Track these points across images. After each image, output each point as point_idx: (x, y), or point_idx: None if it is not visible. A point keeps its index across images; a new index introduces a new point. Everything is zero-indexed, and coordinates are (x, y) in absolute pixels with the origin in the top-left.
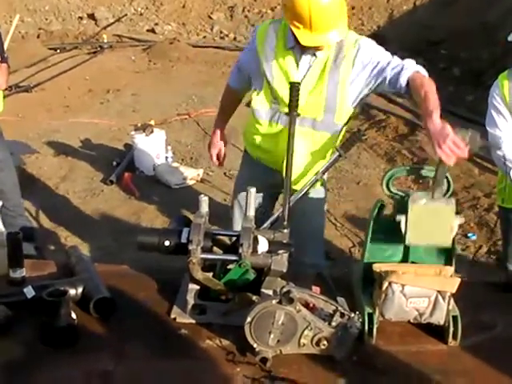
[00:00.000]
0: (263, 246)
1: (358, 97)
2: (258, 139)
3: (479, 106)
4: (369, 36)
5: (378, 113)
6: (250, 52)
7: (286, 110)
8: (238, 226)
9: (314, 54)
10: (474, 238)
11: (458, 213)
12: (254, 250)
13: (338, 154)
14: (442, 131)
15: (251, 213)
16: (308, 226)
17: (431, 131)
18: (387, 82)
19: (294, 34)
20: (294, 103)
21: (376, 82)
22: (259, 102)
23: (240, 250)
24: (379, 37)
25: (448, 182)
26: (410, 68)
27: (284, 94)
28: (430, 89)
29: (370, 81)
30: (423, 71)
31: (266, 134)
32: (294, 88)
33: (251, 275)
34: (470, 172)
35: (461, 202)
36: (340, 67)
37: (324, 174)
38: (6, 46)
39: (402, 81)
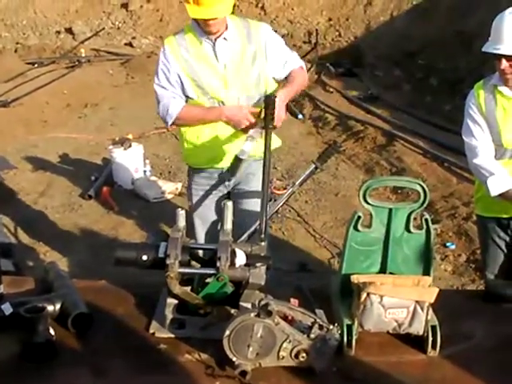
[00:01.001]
0: (241, 259)
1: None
2: (200, 141)
3: (457, 115)
4: (346, 47)
5: (356, 124)
6: (165, 69)
7: (219, 96)
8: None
9: (225, 38)
10: (453, 247)
11: (436, 222)
12: (232, 264)
13: (314, 166)
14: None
15: (228, 226)
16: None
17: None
18: (277, 65)
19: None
20: (269, 116)
21: (273, 64)
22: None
23: (218, 264)
24: (356, 47)
25: (424, 192)
26: (297, 63)
27: (213, 84)
28: (298, 77)
29: (273, 61)
30: (304, 67)
31: (209, 131)
32: (270, 100)
33: (229, 288)
34: (448, 182)
35: (439, 211)
36: (253, 46)
37: (301, 185)
38: None
39: (287, 70)
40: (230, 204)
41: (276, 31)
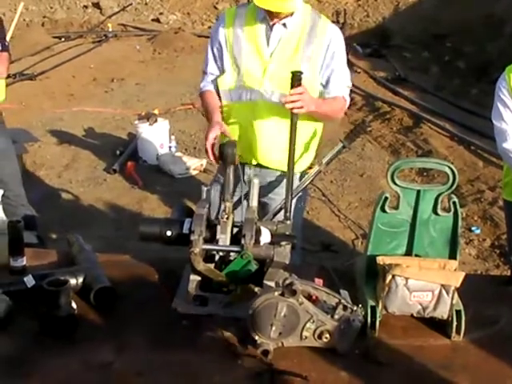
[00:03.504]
0: (266, 237)
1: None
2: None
3: (484, 99)
4: (374, 28)
5: (383, 105)
6: (215, 39)
7: (253, 84)
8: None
9: (284, 25)
10: (478, 231)
11: (462, 205)
12: (257, 242)
13: (342, 145)
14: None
15: (254, 203)
16: None
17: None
18: (325, 81)
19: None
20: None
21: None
22: (225, 83)
23: (242, 241)
24: (384, 28)
25: (453, 174)
26: (341, 92)
27: (252, 69)
28: (335, 103)
29: (325, 72)
30: (347, 97)
31: (234, 116)
32: (296, 77)
33: (253, 266)
34: (475, 165)
35: (465, 195)
36: (313, 44)
37: (328, 164)
38: (10, 34)
39: (328, 93)
40: (256, 181)
41: None
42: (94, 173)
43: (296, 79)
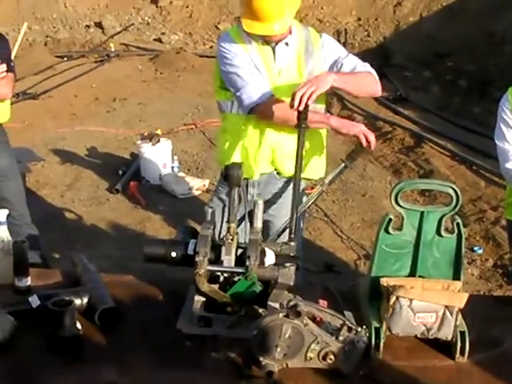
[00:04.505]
0: (270, 258)
1: None
2: (238, 143)
3: (486, 118)
4: (374, 47)
5: (384, 124)
6: (238, 55)
7: None
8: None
9: (286, 44)
10: (481, 251)
11: (464, 225)
12: (261, 263)
13: (343, 164)
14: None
15: (258, 225)
16: None
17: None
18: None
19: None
20: (303, 114)
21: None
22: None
23: (247, 263)
24: (385, 48)
25: (457, 195)
26: (365, 67)
27: None
28: (360, 77)
29: (334, 67)
30: (375, 74)
31: (250, 132)
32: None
33: (258, 288)
34: (477, 185)
35: (467, 215)
36: (312, 59)
37: (330, 184)
38: (14, 54)
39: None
40: (260, 202)
41: None
42: (97, 192)
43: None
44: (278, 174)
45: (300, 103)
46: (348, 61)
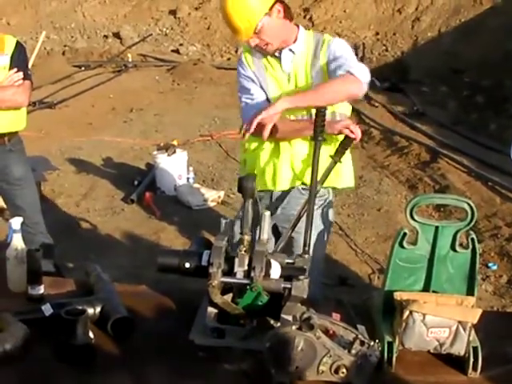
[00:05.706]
0: (276, 270)
1: None
2: (260, 160)
3: (502, 134)
4: (392, 62)
5: (401, 139)
6: (249, 79)
7: None
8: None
9: (291, 50)
10: (495, 267)
11: (479, 241)
12: (267, 274)
13: (333, 161)
14: None
15: (265, 236)
16: None
17: None
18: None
19: None
20: (318, 128)
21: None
22: None
23: (252, 274)
24: (403, 62)
25: (472, 211)
26: (351, 69)
27: (277, 94)
28: (329, 85)
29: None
30: (358, 73)
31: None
32: (320, 113)
33: (264, 298)
34: (492, 201)
35: (482, 231)
36: (318, 62)
37: (323, 183)
38: (31, 63)
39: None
40: (267, 214)
41: None
42: (112, 202)
43: (320, 115)
44: (303, 188)
45: (250, 127)
46: (337, 63)
